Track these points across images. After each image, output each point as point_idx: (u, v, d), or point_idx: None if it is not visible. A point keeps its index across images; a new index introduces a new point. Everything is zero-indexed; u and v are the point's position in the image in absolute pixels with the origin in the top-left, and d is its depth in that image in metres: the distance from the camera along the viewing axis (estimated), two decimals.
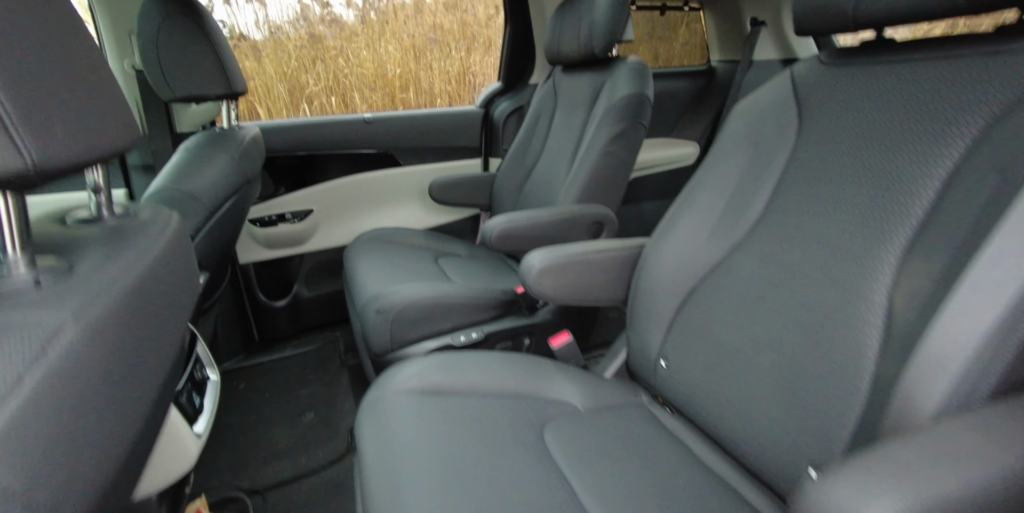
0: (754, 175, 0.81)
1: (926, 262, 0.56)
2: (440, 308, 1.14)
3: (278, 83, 4.08)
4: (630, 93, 1.25)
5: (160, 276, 0.36)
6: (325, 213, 1.71)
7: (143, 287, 0.33)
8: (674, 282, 0.86)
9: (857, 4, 0.65)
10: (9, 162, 0.25)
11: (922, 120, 0.62)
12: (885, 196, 0.63)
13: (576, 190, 1.28)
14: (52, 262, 0.30)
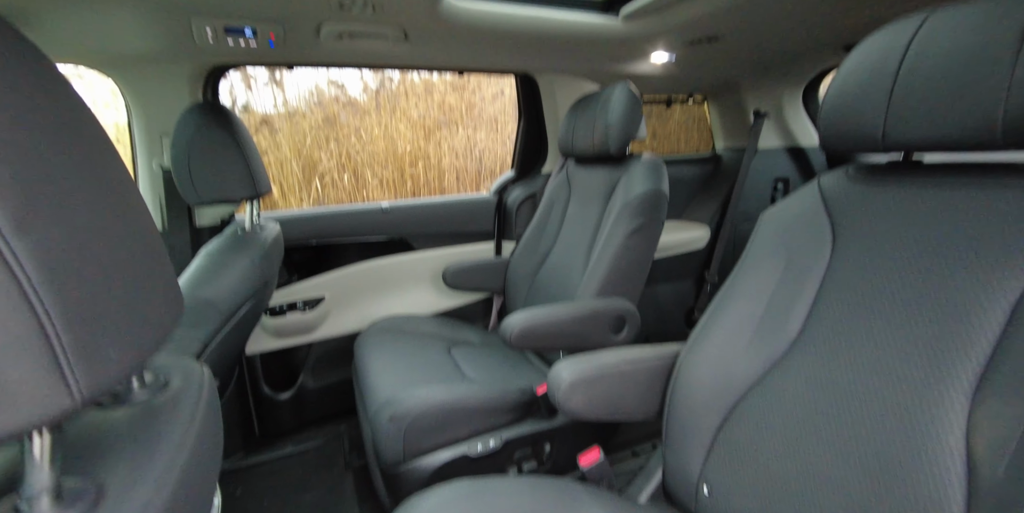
0: (789, 287, 0.79)
1: (1005, 405, 0.52)
2: (456, 413, 1.07)
3: (292, 161, 4.24)
4: (647, 190, 1.26)
5: (192, 467, 0.32)
6: (337, 300, 1.69)
7: (176, 496, 0.29)
8: (714, 397, 0.80)
9: (887, 129, 0.66)
10: (56, 402, 0.22)
11: (972, 249, 0.61)
12: (941, 325, 0.60)
13: (596, 283, 1.26)
14: (78, 484, 0.26)
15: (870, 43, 0.71)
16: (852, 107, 0.70)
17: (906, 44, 0.65)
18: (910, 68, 0.64)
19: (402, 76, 4.72)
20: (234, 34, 1.21)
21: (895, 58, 0.66)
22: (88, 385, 0.23)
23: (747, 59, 1.68)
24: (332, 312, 1.69)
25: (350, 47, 1.34)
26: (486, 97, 4.91)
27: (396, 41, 1.32)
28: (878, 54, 0.68)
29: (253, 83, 3.92)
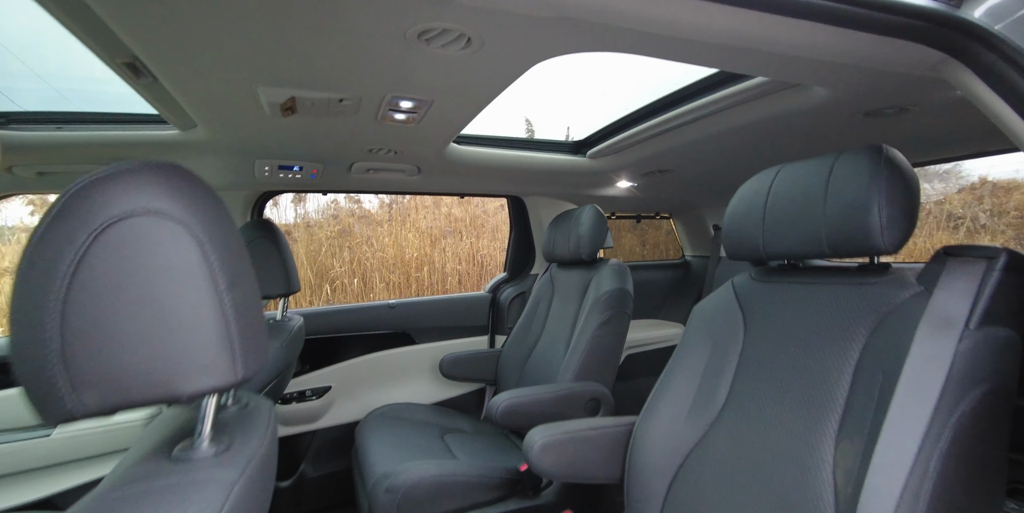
0: (716, 365, 0.99)
1: (851, 443, 0.70)
2: (446, 487, 1.19)
3: (307, 268, 4.59)
4: (613, 288, 1.52)
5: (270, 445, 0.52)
6: (342, 389, 1.84)
7: (268, 454, 0.49)
8: (663, 460, 0.95)
9: (764, 245, 0.92)
10: (228, 377, 0.43)
11: (828, 328, 0.83)
12: (815, 387, 0.80)
13: (573, 368, 1.44)
14: (220, 439, 0.47)
15: (747, 185, 1.01)
16: (741, 230, 0.97)
17: (768, 187, 0.95)
18: (772, 203, 0.92)
19: None
20: (285, 170, 1.58)
21: (762, 196, 0.95)
22: (243, 372, 0.44)
23: (698, 186, 2.06)
24: (336, 400, 1.84)
25: (375, 178, 1.70)
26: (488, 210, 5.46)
27: (411, 174, 1.70)
28: (752, 193, 0.98)
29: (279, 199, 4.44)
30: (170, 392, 0.40)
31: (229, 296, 0.44)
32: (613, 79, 1.47)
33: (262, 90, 0.95)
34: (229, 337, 0.43)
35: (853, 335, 0.79)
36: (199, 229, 0.42)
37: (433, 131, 1.29)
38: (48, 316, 0.37)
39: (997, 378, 0.62)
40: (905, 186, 0.74)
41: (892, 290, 0.77)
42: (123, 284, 0.39)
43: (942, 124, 1.20)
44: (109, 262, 0.38)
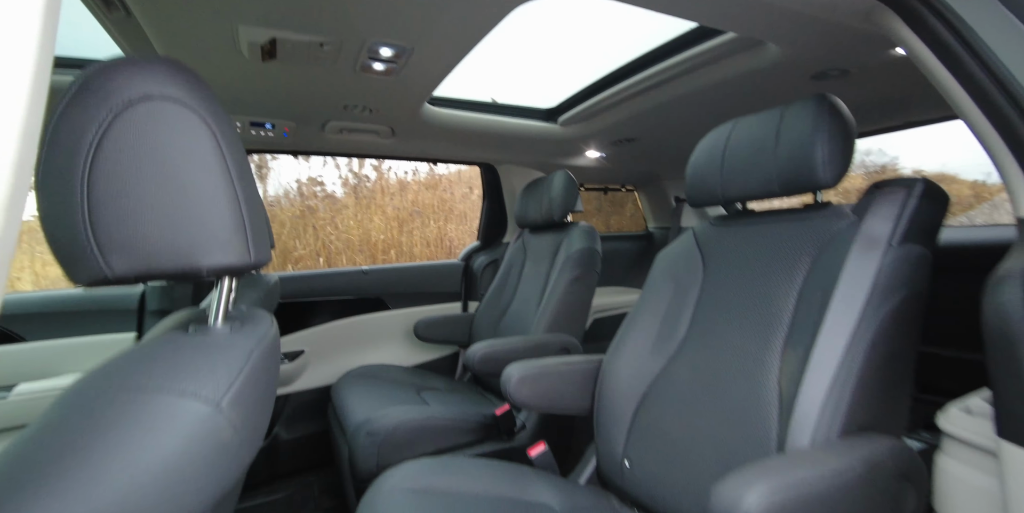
0: (678, 303, 1.07)
1: (794, 353, 0.79)
2: (426, 431, 1.24)
3: None
4: (583, 248, 1.59)
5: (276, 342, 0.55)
6: (315, 353, 1.85)
7: (274, 343, 0.52)
8: (629, 390, 1.03)
9: (723, 189, 1.01)
10: (244, 259, 0.47)
11: (778, 260, 0.92)
12: (763, 310, 0.89)
13: (545, 321, 1.51)
14: (231, 323, 0.50)
15: (707, 138, 1.09)
16: (702, 177, 1.06)
17: (726, 137, 1.03)
18: (729, 152, 1.01)
19: (378, 176, 5.24)
20: (257, 127, 1.56)
21: (720, 146, 1.03)
22: (255, 256, 0.47)
23: (662, 156, 2.16)
24: (310, 364, 1.85)
25: (347, 139, 1.71)
26: (456, 195, 5.45)
27: (385, 136, 1.71)
28: (712, 144, 1.06)
29: None
30: (192, 264, 0.43)
31: (240, 185, 0.47)
32: (583, 47, 1.53)
33: (243, 29, 0.95)
34: (242, 221, 0.47)
35: (798, 263, 0.88)
36: (211, 120, 0.45)
37: (410, 86, 1.31)
38: (74, 183, 0.39)
39: (912, 287, 0.72)
40: (844, 127, 0.83)
41: (831, 222, 0.86)
42: (144, 161, 0.42)
43: (883, 89, 1.32)
44: (130, 140, 0.41)
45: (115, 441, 0.34)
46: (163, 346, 0.43)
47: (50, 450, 0.33)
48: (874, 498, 0.58)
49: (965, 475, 0.66)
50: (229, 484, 0.40)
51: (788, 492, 0.52)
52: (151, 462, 0.34)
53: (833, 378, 0.68)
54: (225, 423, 0.39)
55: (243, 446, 0.41)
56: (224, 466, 0.39)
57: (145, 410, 0.36)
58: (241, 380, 0.42)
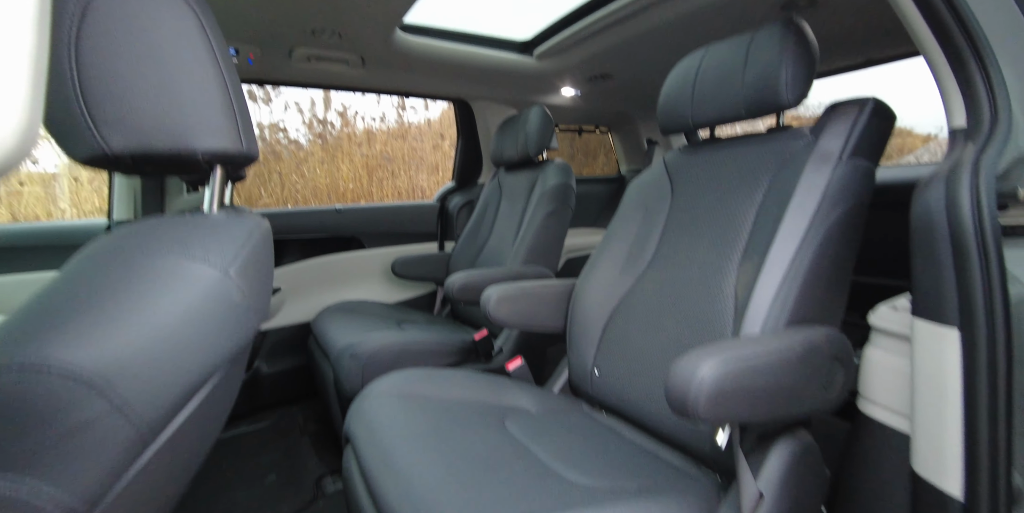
0: (647, 227, 1.13)
1: (750, 262, 0.86)
2: (408, 353, 1.30)
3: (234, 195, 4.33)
4: (557, 183, 1.62)
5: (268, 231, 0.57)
6: (292, 291, 1.87)
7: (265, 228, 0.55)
8: (599, 307, 1.11)
9: (692, 115, 1.04)
10: (236, 145, 0.48)
11: (740, 181, 0.98)
12: (725, 227, 0.96)
13: (522, 254, 1.56)
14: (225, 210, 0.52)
15: (680, 65, 1.11)
16: (673, 104, 1.08)
17: (698, 64, 1.05)
18: (700, 78, 1.03)
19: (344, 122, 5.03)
20: None
21: (692, 73, 1.05)
22: (246, 145, 0.49)
23: (636, 96, 2.15)
24: (287, 302, 1.86)
25: (316, 68, 1.64)
26: (426, 146, 5.31)
27: (355, 66, 1.65)
28: (684, 71, 1.08)
29: None
30: (187, 145, 0.44)
31: (227, 71, 0.47)
32: None
33: None
34: (232, 108, 0.47)
35: (758, 183, 0.94)
36: (195, 3, 0.45)
37: (381, 8, 1.25)
38: (62, 53, 0.39)
39: (857, 198, 0.79)
40: (807, 50, 0.87)
41: (790, 143, 0.92)
42: (132, 39, 0.41)
43: (847, 23, 1.35)
44: (115, 16, 0.41)
45: (137, 294, 0.37)
46: (165, 222, 0.45)
47: (76, 299, 0.35)
48: (809, 373, 0.67)
49: (884, 359, 0.76)
50: (240, 345, 0.43)
51: (737, 363, 0.60)
52: (174, 312, 0.37)
53: (782, 278, 0.76)
54: (234, 288, 0.42)
55: (250, 312, 0.44)
56: (236, 326, 0.42)
57: (163, 269, 0.39)
58: (244, 255, 0.45)
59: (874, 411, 0.77)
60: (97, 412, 0.31)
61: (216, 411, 0.46)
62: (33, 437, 0.29)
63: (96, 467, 0.32)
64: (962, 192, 0.61)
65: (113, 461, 0.33)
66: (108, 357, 0.32)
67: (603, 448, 0.84)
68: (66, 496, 0.30)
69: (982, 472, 0.57)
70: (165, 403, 0.36)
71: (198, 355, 0.39)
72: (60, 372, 0.30)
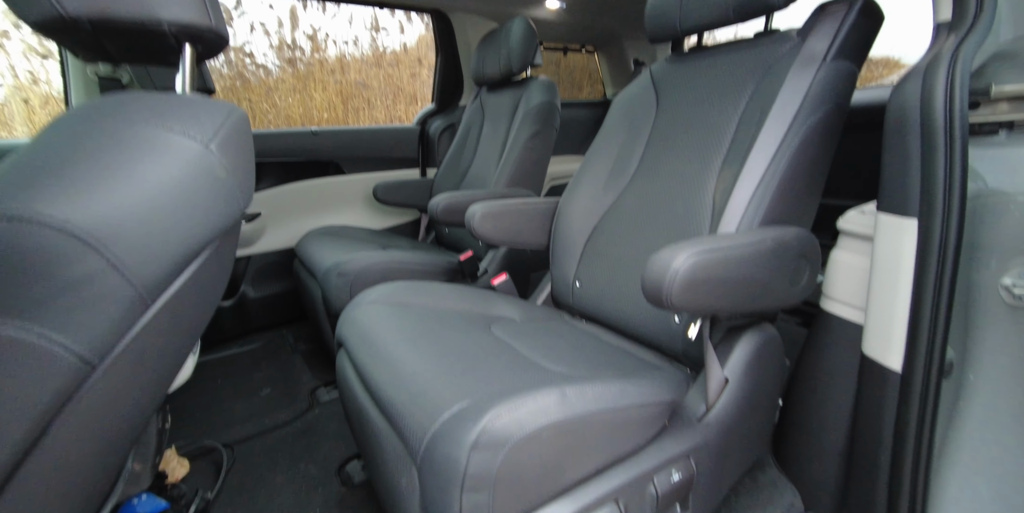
0: (631, 141, 1.12)
1: (729, 170, 0.88)
2: (394, 273, 1.32)
3: None
4: (541, 102, 1.57)
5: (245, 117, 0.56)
6: (273, 216, 1.84)
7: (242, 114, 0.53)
8: (582, 223, 1.12)
9: (680, 22, 1.00)
10: (202, 18, 0.45)
11: (725, 88, 0.96)
12: (707, 136, 0.96)
13: (505, 177, 1.55)
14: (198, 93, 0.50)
15: None
16: (661, 9, 1.03)
17: None
18: None
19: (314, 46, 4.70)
20: None
21: None
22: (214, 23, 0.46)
23: (623, 9, 2.04)
24: (269, 226, 1.85)
25: None
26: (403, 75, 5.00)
27: None
28: None
29: None
30: (151, 14, 0.42)
31: None
32: None
33: None
34: None
35: (743, 89, 0.93)
36: None
37: None
38: None
39: (837, 100, 0.80)
40: None
41: (777, 45, 0.90)
42: None
43: None
44: None
45: (119, 160, 0.36)
46: (136, 97, 0.43)
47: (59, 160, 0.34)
48: (778, 268, 0.71)
49: (848, 259, 0.81)
50: (229, 221, 0.44)
51: (711, 254, 0.63)
52: (158, 181, 0.37)
53: (759, 181, 0.78)
54: (216, 163, 0.42)
55: (236, 190, 0.44)
56: (223, 201, 0.42)
57: (142, 137, 0.38)
58: (225, 131, 0.44)
59: (834, 307, 0.83)
60: (93, 268, 0.32)
61: (213, 281, 0.47)
62: (34, 288, 0.30)
63: (100, 321, 0.33)
64: (937, 89, 0.61)
65: (116, 317, 0.34)
66: (97, 216, 0.33)
67: (583, 347, 0.90)
68: (74, 344, 0.31)
69: (920, 348, 0.63)
70: (161, 268, 0.36)
71: (188, 225, 0.39)
72: (51, 224, 0.30)
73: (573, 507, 0.57)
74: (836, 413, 0.81)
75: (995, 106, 0.70)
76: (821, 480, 0.85)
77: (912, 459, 0.65)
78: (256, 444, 1.16)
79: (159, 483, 0.90)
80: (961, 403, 0.73)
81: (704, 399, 0.75)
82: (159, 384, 0.44)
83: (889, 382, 0.67)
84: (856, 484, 0.77)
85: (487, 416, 0.53)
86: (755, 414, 0.81)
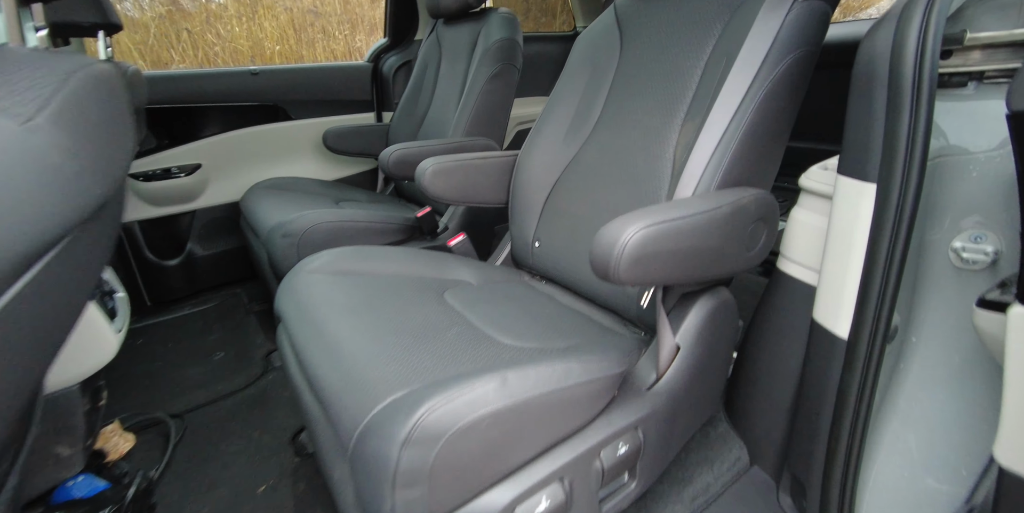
0: (594, 87, 1.02)
1: (691, 123, 0.80)
2: (344, 231, 1.24)
3: (138, 59, 3.72)
4: (501, 38, 1.42)
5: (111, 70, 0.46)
6: (215, 167, 1.70)
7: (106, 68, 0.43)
8: (542, 178, 1.05)
9: None
10: None
11: (691, 31, 0.87)
12: (671, 85, 0.87)
13: (464, 124, 1.43)
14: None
15: None
16: None
17: None
18: None
19: None
20: None
21: None
22: None
23: None
24: (212, 180, 1.71)
25: None
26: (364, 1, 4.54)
27: None
28: None
29: None
30: None
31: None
32: None
33: None
34: None
35: (710, 32, 0.84)
36: None
37: None
38: None
39: (808, 44, 0.72)
40: None
41: None
42: None
43: None
44: None
45: None
46: None
47: None
48: (733, 233, 0.67)
49: (807, 219, 0.77)
50: (75, 214, 0.36)
51: (661, 226, 0.58)
52: None
53: (719, 139, 0.72)
54: (47, 144, 0.33)
55: (86, 174, 0.36)
56: (61, 192, 0.34)
57: None
58: (61, 99, 0.35)
59: (790, 268, 0.81)
60: None
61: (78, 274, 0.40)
62: None
63: None
64: (909, 38, 0.54)
65: None
66: None
67: (538, 313, 0.86)
68: None
69: (868, 316, 0.61)
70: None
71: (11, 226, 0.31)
72: None
73: (515, 492, 0.55)
74: (785, 372, 0.81)
75: (967, 55, 0.63)
76: (768, 435, 0.87)
77: (851, 419, 0.66)
78: (207, 413, 1.13)
79: (99, 462, 0.87)
80: (901, 364, 0.73)
81: (655, 367, 0.73)
82: None
83: (836, 348, 0.66)
84: (799, 439, 0.79)
85: (421, 409, 0.50)
86: (706, 378, 0.81)
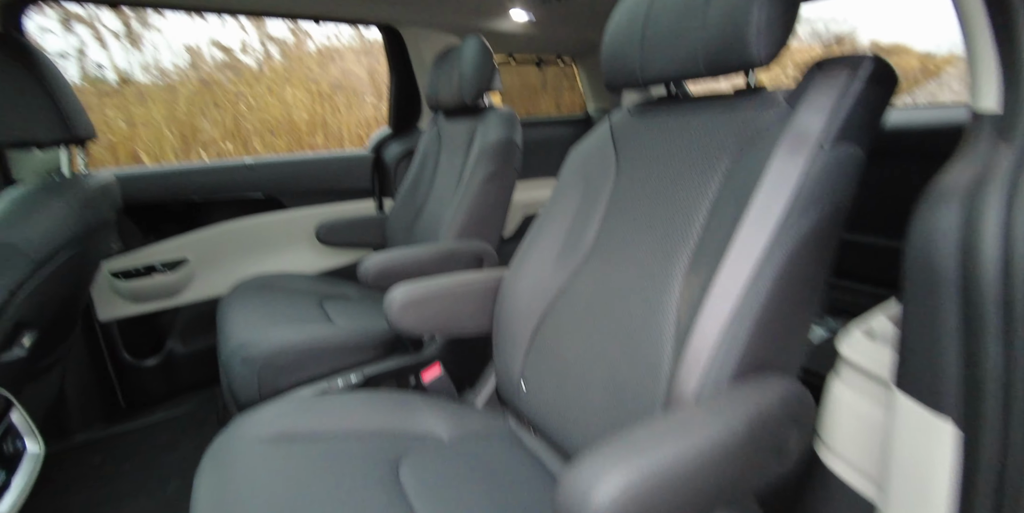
0: (587, 207, 0.90)
1: (696, 277, 0.66)
2: (313, 352, 1.11)
3: (166, 128, 3.88)
4: (499, 139, 1.34)
5: None
6: (201, 262, 1.62)
7: None
8: (529, 307, 0.91)
9: (641, 69, 0.78)
10: None
11: (695, 159, 0.74)
12: (672, 222, 0.74)
13: (456, 227, 1.33)
14: None
15: (623, 4, 0.82)
16: (619, 54, 0.81)
17: (648, 4, 0.77)
18: (652, 20, 0.75)
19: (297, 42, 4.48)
20: None
21: (641, 16, 0.77)
22: None
23: (600, 17, 1.79)
24: (197, 274, 1.63)
25: None
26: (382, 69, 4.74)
27: None
28: (631, 9, 0.80)
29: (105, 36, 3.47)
30: None
31: None
32: None
33: None
34: None
35: (716, 165, 0.71)
36: None
37: None
38: None
39: (837, 199, 0.59)
40: None
41: (759, 111, 0.68)
42: None
43: None
44: None
45: None
46: None
47: None
48: (756, 455, 0.50)
49: (851, 401, 0.59)
50: None
51: (654, 478, 0.42)
52: None
53: (733, 312, 0.56)
54: None
55: None
56: None
57: None
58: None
59: (835, 464, 0.62)
60: None
61: None
62: None
63: None
64: (988, 224, 0.40)
65: None
66: None
67: (513, 497, 0.69)
68: None
69: None
70: None
71: None
72: None
73: None
74: None
75: None
76: None
77: None
78: None
79: None
80: None
81: None
82: None
83: None
84: None
85: None
86: None
